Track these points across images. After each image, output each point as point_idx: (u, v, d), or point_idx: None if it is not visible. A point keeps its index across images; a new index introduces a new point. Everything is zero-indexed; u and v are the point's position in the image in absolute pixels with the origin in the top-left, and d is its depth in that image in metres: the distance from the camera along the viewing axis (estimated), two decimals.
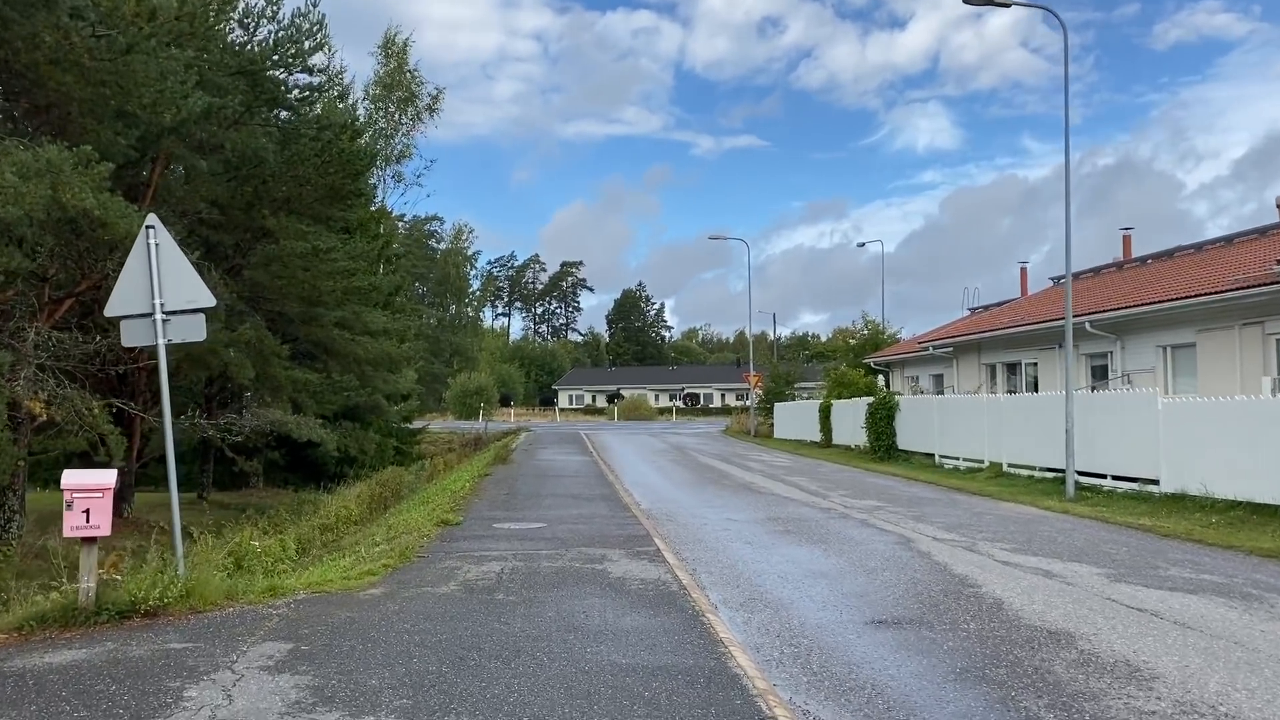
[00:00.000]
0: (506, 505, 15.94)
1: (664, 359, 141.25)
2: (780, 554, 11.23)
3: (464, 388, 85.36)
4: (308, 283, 19.88)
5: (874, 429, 29.00)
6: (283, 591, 8.56)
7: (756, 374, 48.22)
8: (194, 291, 8.78)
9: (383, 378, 28.24)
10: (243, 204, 19.76)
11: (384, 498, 21.56)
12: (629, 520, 14.03)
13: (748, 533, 13.03)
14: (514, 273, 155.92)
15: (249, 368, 19.42)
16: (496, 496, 17.34)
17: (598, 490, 18.56)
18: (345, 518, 17.78)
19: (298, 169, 19.77)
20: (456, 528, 13.09)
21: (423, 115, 48.19)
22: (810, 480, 21.48)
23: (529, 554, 10.82)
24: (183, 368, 20.08)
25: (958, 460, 24.45)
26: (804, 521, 14.17)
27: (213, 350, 18.47)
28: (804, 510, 15.69)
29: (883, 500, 17.25)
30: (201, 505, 25.08)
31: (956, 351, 34.60)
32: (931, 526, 13.64)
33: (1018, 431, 21.52)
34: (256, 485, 29.40)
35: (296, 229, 19.68)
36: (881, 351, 44.90)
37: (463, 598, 8.40)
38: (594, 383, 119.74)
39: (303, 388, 21.55)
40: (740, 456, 30.48)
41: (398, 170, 48.95)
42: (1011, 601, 8.49)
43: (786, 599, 8.72)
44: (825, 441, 35.13)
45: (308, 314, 22.15)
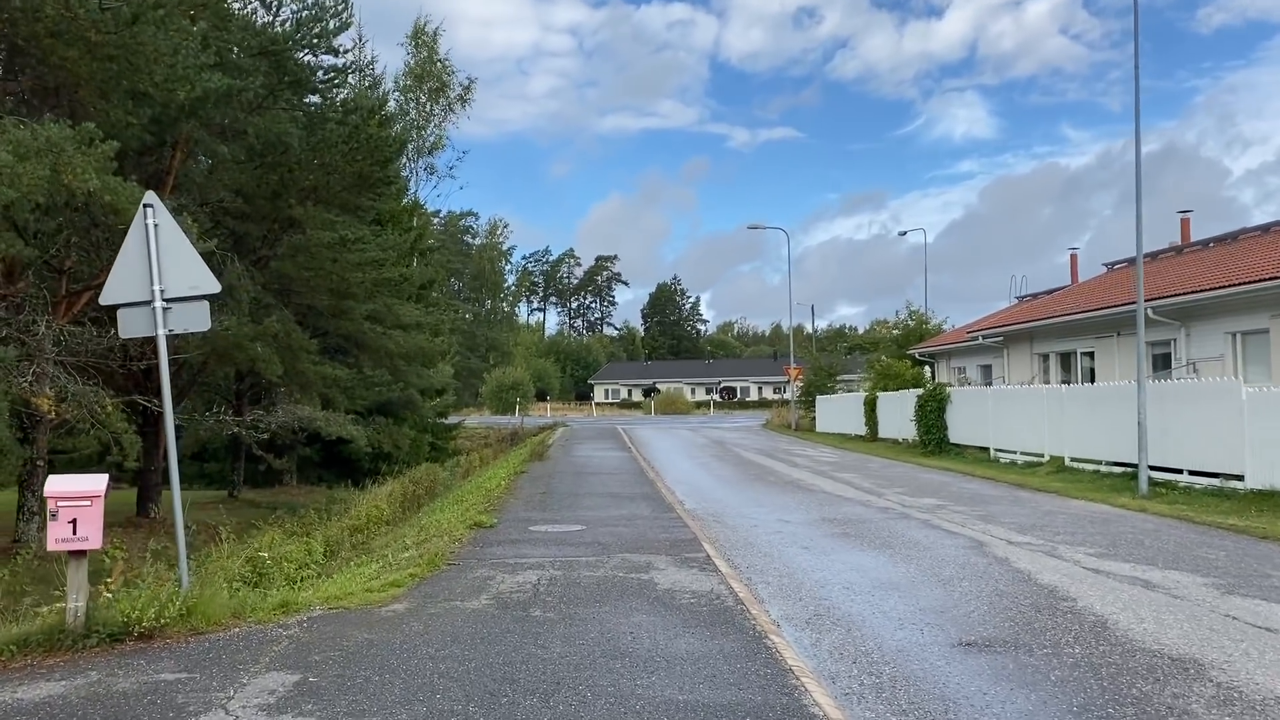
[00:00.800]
0: (543, 505, 15.08)
1: (699, 353, 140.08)
2: (842, 560, 10.26)
3: (500, 382, 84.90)
4: (336, 274, 19.13)
5: (924, 422, 27.86)
6: (296, 607, 7.72)
7: (797, 367, 47.10)
8: (197, 276, 7.96)
9: (416, 372, 27.52)
10: (268, 193, 19.05)
11: (417, 496, 20.81)
12: (674, 522, 13.11)
13: (803, 536, 12.06)
14: (549, 268, 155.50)
15: (277, 363, 18.72)
16: (533, 495, 16.49)
17: (638, 489, 17.66)
18: (376, 518, 17.02)
19: (324, 156, 19.02)
20: (490, 530, 12.24)
21: (454, 106, 47.49)
22: (861, 476, 20.43)
23: (568, 561, 9.93)
24: (209, 364, 19.44)
25: (1014, 454, 23.27)
26: (862, 523, 13.16)
27: (238, 345, 17.79)
28: (860, 510, 14.68)
29: (942, 498, 16.19)
30: (232, 503, 24.51)
31: (1007, 341, 33.33)
32: (1002, 528, 12.58)
33: (1081, 424, 20.32)
34: (289, 483, 28.83)
35: (324, 218, 18.95)
36: (926, 342, 43.62)
37: (495, 615, 7.52)
38: (630, 377, 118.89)
39: (333, 383, 20.84)
40: (784, 451, 29.45)
41: (430, 162, 48.32)
42: (1116, 619, 7.46)
43: (857, 615, 7.75)
44: (871, 435, 33.98)
45: (337, 307, 21.43)
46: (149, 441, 20.07)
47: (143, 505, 19.95)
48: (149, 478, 19.87)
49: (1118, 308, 24.71)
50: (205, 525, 21.33)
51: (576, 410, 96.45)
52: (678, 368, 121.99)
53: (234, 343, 17.61)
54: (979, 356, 38.59)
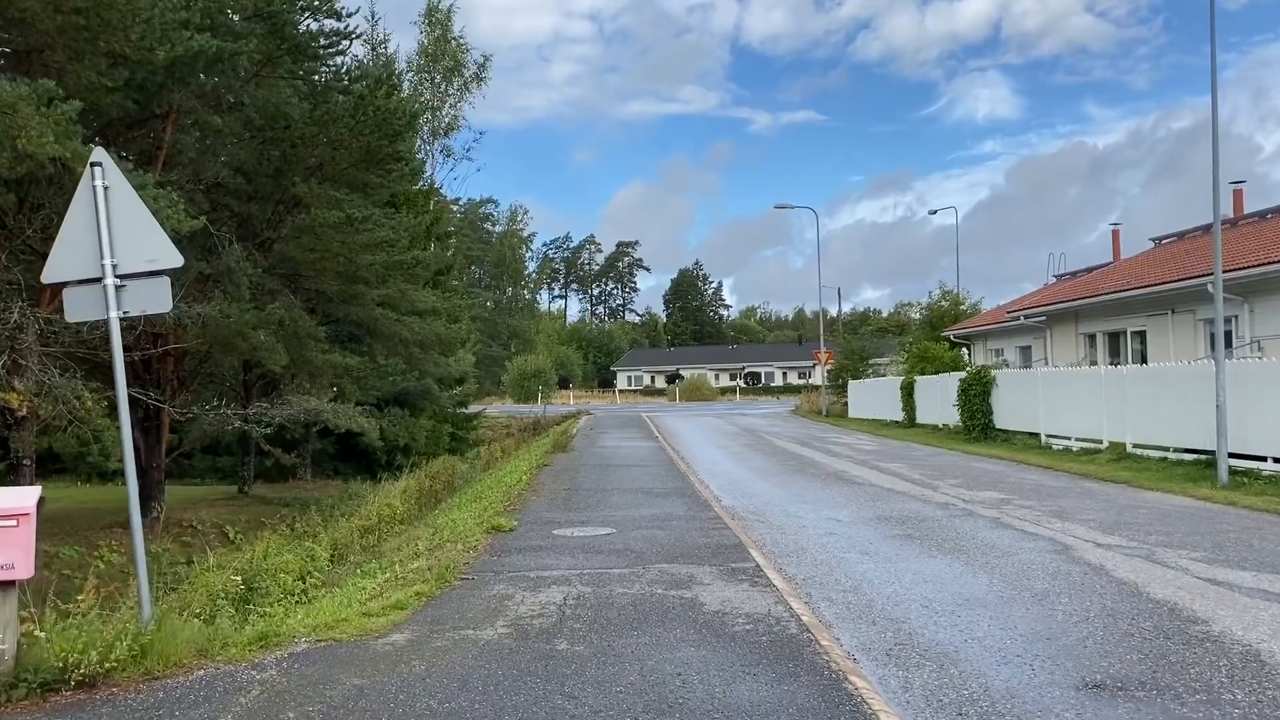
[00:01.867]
0: (568, 504, 13.81)
1: (722, 338, 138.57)
2: (911, 570, 8.93)
3: (522, 371, 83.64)
4: (344, 256, 17.91)
5: (967, 406, 26.41)
6: (277, 640, 6.48)
7: (827, 350, 45.61)
8: (155, 248, 6.70)
9: (433, 361, 26.31)
10: (270, 170, 17.85)
11: (434, 492, 19.63)
12: (713, 522, 11.81)
13: (860, 538, 10.73)
14: (570, 254, 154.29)
15: (282, 352, 17.54)
16: (556, 492, 15.24)
17: (670, 483, 16.37)
18: (388, 517, 15.84)
19: (329, 130, 17.79)
20: (509, 535, 10.98)
21: (470, 85, 46.12)
22: (908, 466, 19.06)
23: (597, 574, 8.65)
24: (212, 354, 18.30)
25: (1068, 440, 21.81)
26: (923, 522, 11.82)
27: (240, 333, 16.61)
28: (916, 506, 13.32)
29: (1004, 491, 14.81)
30: (243, 500, 23.44)
31: (1050, 321, 31.77)
32: (1082, 526, 11.21)
33: (1146, 407, 18.84)
34: (304, 477, 27.76)
35: (330, 197, 17.73)
36: (960, 324, 42.08)
37: (513, 648, 6.26)
38: (652, 363, 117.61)
39: (344, 372, 19.65)
40: (818, 439, 28.08)
41: (446, 145, 46.95)
42: (1271, 650, 6.11)
43: (947, 644, 6.44)
44: (908, 421, 32.54)
45: (347, 292, 20.23)
46: (151, 437, 18.98)
47: (143, 505, 18.83)
48: (151, 475, 18.77)
49: (1176, 283, 23.18)
50: (212, 525, 20.28)
51: (599, 398, 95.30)
52: (701, 353, 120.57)
53: (235, 331, 16.44)
54: (1017, 338, 37.07)
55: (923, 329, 45.07)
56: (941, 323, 43.47)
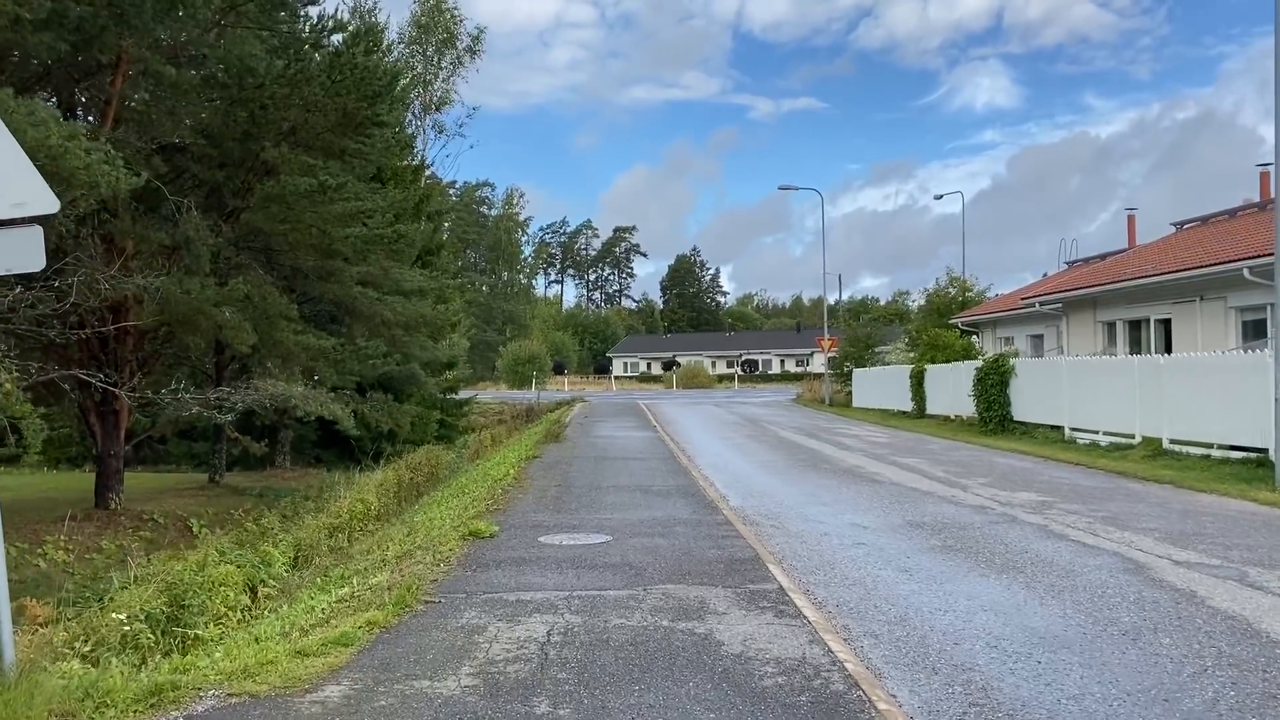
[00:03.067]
0: (558, 504, 12.36)
1: (720, 325, 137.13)
2: (964, 593, 7.50)
3: (516, 356, 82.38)
4: (317, 228, 16.41)
5: (984, 397, 24.99)
6: (176, 695, 5.03)
7: (831, 338, 44.12)
8: (24, 189, 5.22)
9: (419, 344, 24.81)
10: (238, 133, 16.32)
11: (415, 485, 18.18)
12: (722, 528, 10.37)
13: (893, 550, 9.30)
14: (566, 239, 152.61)
15: (248, 331, 16.07)
16: (545, 489, 13.78)
17: (671, 479, 14.93)
18: (361, 514, 14.39)
19: (302, 90, 16.27)
20: (489, 542, 9.53)
21: (463, 58, 44.44)
22: (927, 462, 17.63)
23: (590, 598, 7.20)
24: (174, 332, 16.82)
25: (1095, 434, 20.40)
26: (962, 530, 10.39)
27: (200, 310, 15.13)
28: (949, 510, 11.89)
29: (1040, 491, 13.38)
30: (213, 489, 21.99)
31: (1067, 308, 30.39)
32: (1145, 536, 9.79)
33: (1185, 400, 17.41)
34: (283, 465, 26.31)
35: (302, 163, 16.21)
36: (969, 311, 40.70)
37: (478, 712, 4.81)
38: (649, 350, 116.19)
39: (318, 355, 18.16)
40: (825, 430, 26.65)
41: (438, 120, 45.27)
42: None
43: (1037, 708, 4.99)
44: (918, 411, 31.11)
45: (324, 268, 18.73)
46: (108, 423, 17.51)
47: (101, 495, 17.41)
48: (108, 463, 17.31)
49: (1209, 268, 21.76)
50: (175, 517, 18.82)
51: (595, 384, 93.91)
52: (698, 340, 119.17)
53: (195, 307, 14.96)
54: (1029, 325, 35.73)
55: (929, 316, 43.66)
56: (949, 310, 42.09)
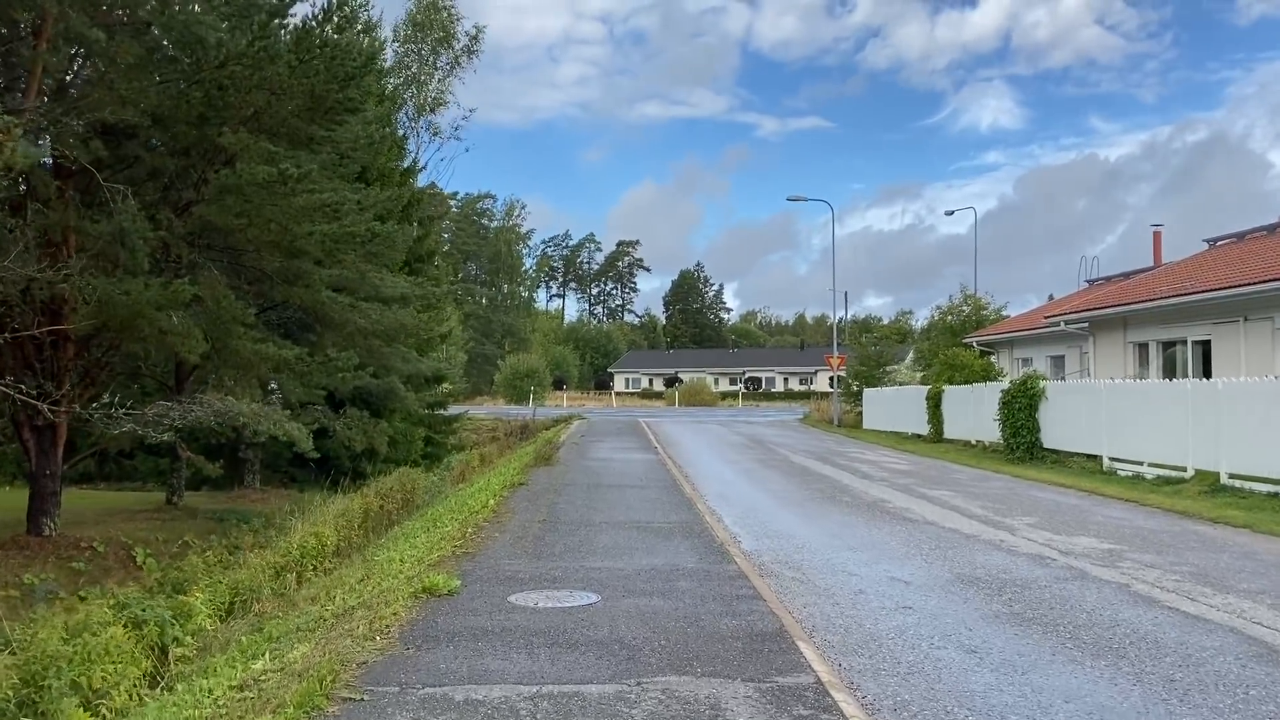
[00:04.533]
0: (539, 546, 10.46)
1: (722, 342, 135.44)
2: (1058, 691, 5.64)
3: (515, 370, 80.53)
4: (276, 222, 14.58)
5: (1011, 421, 23.12)
6: None
7: (839, 355, 42.24)
8: None
9: (401, 356, 22.95)
10: (192, 116, 14.54)
11: (386, 513, 16.32)
12: (736, 582, 8.49)
13: (949, 618, 7.43)
14: (569, 252, 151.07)
15: (198, 338, 14.25)
16: (527, 525, 11.89)
17: (674, 513, 13.04)
18: (315, 550, 12.51)
19: (265, 69, 14.50)
20: (446, 601, 7.65)
21: (461, 59, 42.71)
22: (960, 495, 15.75)
23: (565, 700, 5.31)
24: (112, 339, 14.98)
25: (1139, 465, 18.53)
26: (1026, 589, 8.51)
27: (141, 314, 13.30)
28: (1001, 559, 10.01)
29: (1103, 537, 11.49)
30: (169, 512, 20.09)
31: (1093, 328, 28.59)
32: (1254, 603, 7.91)
33: (1249, 429, 15.55)
34: (251, 485, 24.41)
35: (262, 149, 14.41)
36: (984, 330, 38.93)
37: None
38: (651, 365, 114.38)
39: (280, 365, 16.32)
40: (838, 455, 24.75)
41: (432, 122, 43.47)
42: None
43: None
44: (935, 435, 29.22)
45: (289, 270, 16.90)
46: (44, 439, 15.66)
47: (34, 519, 15.53)
48: (41, 484, 15.45)
49: (1256, 285, 20.03)
50: (119, 545, 16.93)
51: (595, 400, 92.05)
52: (700, 356, 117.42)
53: (135, 311, 13.12)
54: (1049, 346, 33.99)
55: (941, 335, 41.89)
56: (963, 329, 40.34)
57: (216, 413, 14.12)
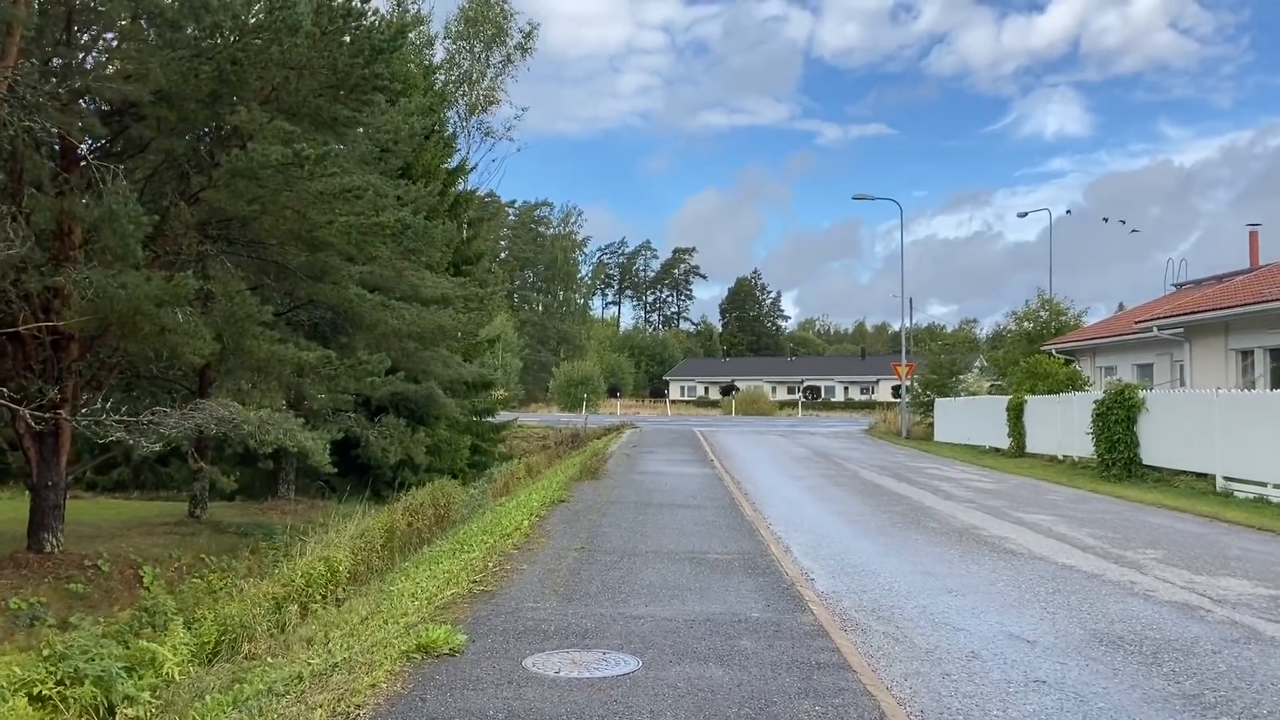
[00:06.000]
0: (571, 583, 8.77)
1: (780, 350, 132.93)
2: None
3: (569, 377, 79.19)
4: (292, 209, 13.15)
5: (1106, 435, 20.96)
6: None
7: (909, 364, 40.05)
8: None
9: (442, 359, 21.50)
10: (203, 93, 13.17)
11: (416, 531, 14.80)
12: (814, 641, 6.72)
13: (1099, 699, 5.59)
14: (625, 260, 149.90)
15: (206, 337, 12.85)
16: (561, 555, 10.23)
17: (734, 541, 11.28)
18: (324, 578, 10.99)
19: (284, 41, 13.11)
20: (444, 665, 6.00)
21: (513, 56, 41.37)
22: (1061, 520, 13.76)
23: None
24: (110, 337, 13.65)
25: (1263, 487, 16.36)
26: (1186, 654, 6.63)
27: (139, 310, 11.94)
28: (1142, 609, 8.09)
29: (1256, 578, 9.48)
30: (191, 526, 18.80)
31: (1189, 333, 26.17)
32: None
33: None
34: (286, 495, 23.13)
35: (277, 128, 12.99)
36: (1064, 337, 36.55)
37: None
38: (707, 374, 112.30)
39: (302, 369, 14.90)
40: (913, 470, 22.75)
41: (485, 121, 42.15)
42: None
43: None
44: (1016, 449, 27.03)
45: (315, 265, 15.50)
46: (45, 446, 14.40)
47: (34, 535, 14.27)
48: (43, 496, 14.19)
49: None
50: (127, 563, 15.64)
51: (650, 408, 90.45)
52: (757, 365, 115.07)
53: (133, 306, 11.75)
54: (1135, 354, 31.61)
55: (1016, 342, 39.57)
56: (1040, 335, 38.01)
57: (219, 420, 12.70)
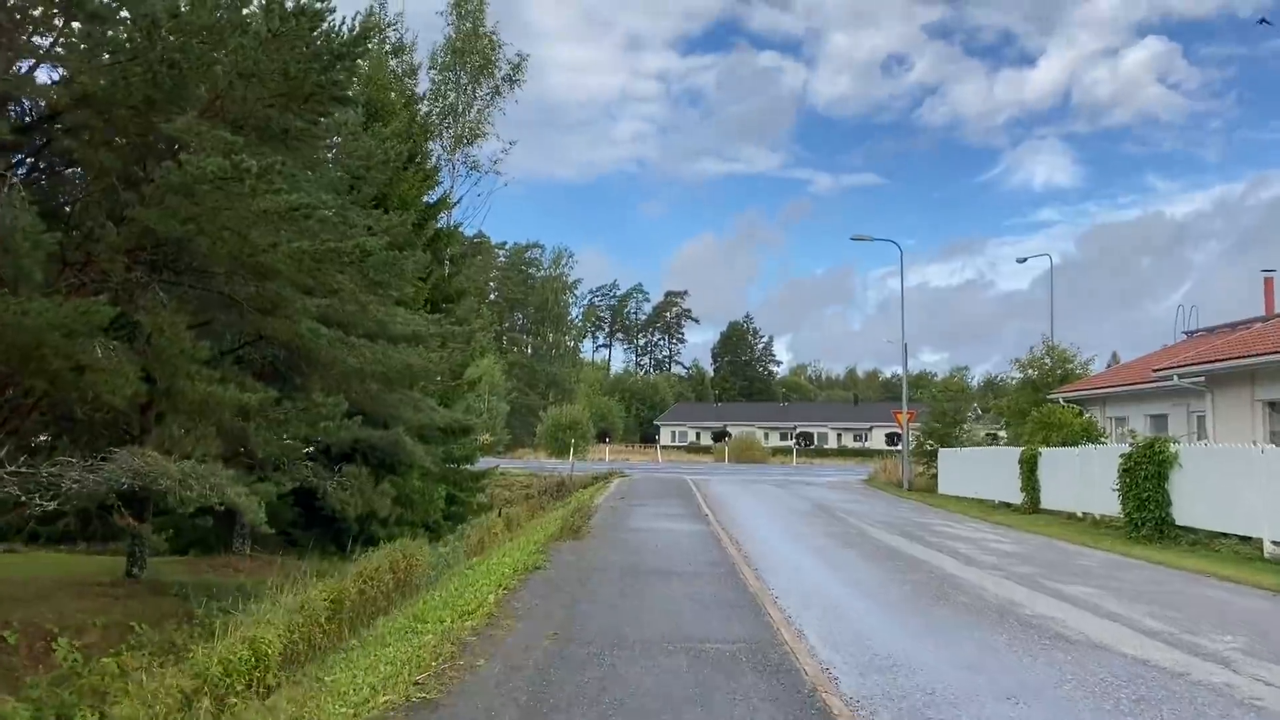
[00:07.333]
0: (536, 693, 6.98)
1: (772, 395, 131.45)
2: None
3: (557, 421, 77.29)
4: (232, 229, 11.50)
5: (1134, 492, 19.28)
6: None
7: (910, 411, 38.40)
8: None
9: (412, 403, 19.76)
10: (134, 99, 11.61)
11: (372, 600, 12.98)
12: None
13: None
14: (616, 303, 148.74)
15: (130, 376, 11.14)
16: (528, 647, 8.45)
17: (737, 622, 9.51)
18: (246, 665, 9.17)
19: (229, 41, 11.58)
20: None
21: (501, 88, 40.10)
22: (1105, 592, 12.01)
23: None
24: (6, 378, 11.89)
25: None
26: None
27: (43, 342, 10.22)
28: None
29: None
30: (125, 587, 16.90)
31: (1212, 383, 24.65)
32: None
33: None
34: (240, 550, 21.23)
35: (217, 138, 11.38)
36: (1070, 385, 35.02)
37: None
38: (698, 419, 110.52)
39: (245, 412, 13.17)
40: (923, 528, 20.97)
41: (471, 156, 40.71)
42: None
43: None
44: (1030, 504, 25.29)
45: (265, 297, 13.81)
46: None
47: None
48: None
49: None
50: (39, 633, 13.74)
51: (640, 454, 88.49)
52: (750, 410, 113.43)
53: (36, 338, 10.04)
54: (1149, 404, 30.10)
55: (1021, 390, 38.05)
56: (1044, 384, 36.50)
57: (132, 472, 10.96)
